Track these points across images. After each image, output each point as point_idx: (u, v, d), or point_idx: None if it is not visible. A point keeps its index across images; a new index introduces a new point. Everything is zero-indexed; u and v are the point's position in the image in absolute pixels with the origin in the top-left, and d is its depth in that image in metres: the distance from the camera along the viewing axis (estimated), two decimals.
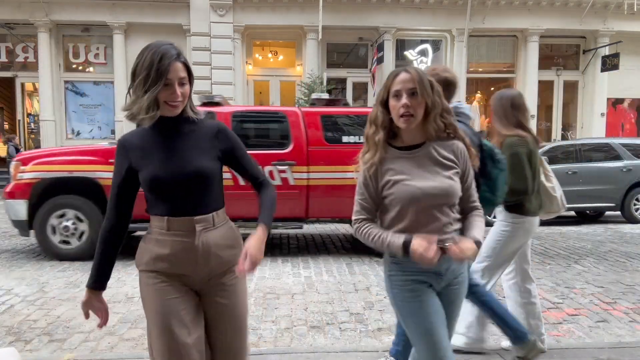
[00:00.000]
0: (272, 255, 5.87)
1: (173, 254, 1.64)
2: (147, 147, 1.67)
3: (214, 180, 1.71)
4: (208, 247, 1.66)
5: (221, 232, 1.71)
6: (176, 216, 1.65)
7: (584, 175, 8.47)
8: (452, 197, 1.69)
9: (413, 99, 1.63)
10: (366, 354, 2.96)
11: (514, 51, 14.44)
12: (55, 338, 3.32)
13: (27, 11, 12.78)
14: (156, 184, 1.64)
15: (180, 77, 1.62)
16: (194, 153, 1.67)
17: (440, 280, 1.71)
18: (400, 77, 1.66)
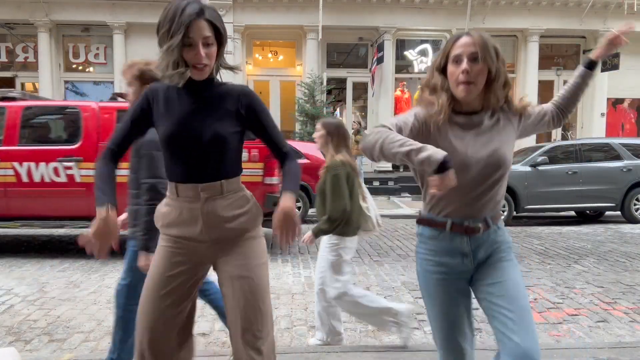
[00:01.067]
0: (272, 255, 5.87)
1: (181, 220, 1.66)
2: (170, 104, 1.65)
3: (230, 148, 1.67)
4: (214, 215, 1.64)
5: (229, 201, 1.67)
6: (184, 182, 1.64)
7: (584, 175, 8.48)
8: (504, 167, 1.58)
9: (474, 65, 1.50)
10: (366, 354, 2.95)
11: (514, 51, 14.44)
12: (55, 338, 3.32)
13: (27, 11, 12.78)
14: (170, 143, 1.62)
15: (205, 37, 1.56)
16: (213, 118, 1.64)
17: (469, 262, 1.61)
18: (462, 40, 1.53)
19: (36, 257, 5.71)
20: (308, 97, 12.88)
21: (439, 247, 1.62)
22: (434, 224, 1.62)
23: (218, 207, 1.65)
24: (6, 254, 5.83)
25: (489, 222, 1.60)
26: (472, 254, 1.61)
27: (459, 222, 1.58)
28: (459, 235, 1.59)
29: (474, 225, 1.58)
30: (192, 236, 1.66)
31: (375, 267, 5.31)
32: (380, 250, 6.18)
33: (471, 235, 1.59)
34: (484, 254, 1.62)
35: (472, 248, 1.60)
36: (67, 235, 7.10)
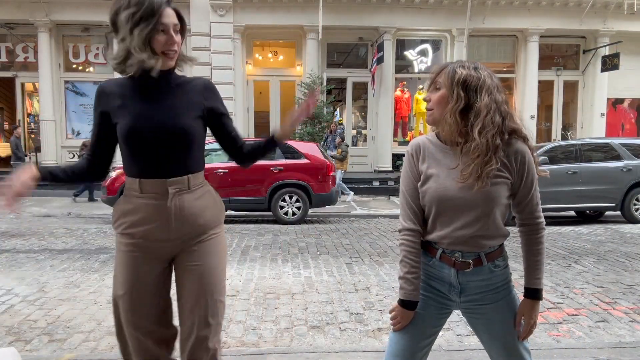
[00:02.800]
0: (272, 255, 5.87)
1: (146, 217, 1.58)
2: (127, 97, 1.59)
3: (194, 141, 1.62)
4: (182, 210, 1.59)
5: (196, 196, 1.63)
6: (149, 178, 1.57)
7: (584, 175, 8.48)
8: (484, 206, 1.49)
9: (434, 93, 1.52)
10: (366, 354, 2.95)
11: (514, 51, 14.44)
12: (55, 338, 3.32)
13: (27, 11, 12.78)
14: (132, 137, 1.55)
15: (174, 24, 1.54)
16: (177, 110, 1.59)
17: (456, 295, 1.57)
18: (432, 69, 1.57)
19: (36, 257, 5.72)
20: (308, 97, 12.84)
21: (429, 271, 1.60)
22: (428, 248, 1.61)
23: (186, 202, 1.60)
24: (6, 254, 5.83)
25: (482, 259, 1.54)
26: (460, 287, 1.56)
27: (449, 254, 1.54)
28: (447, 267, 1.56)
29: (464, 260, 1.53)
30: (158, 236, 1.60)
31: (375, 267, 5.31)
32: (380, 250, 6.18)
33: (459, 269, 1.54)
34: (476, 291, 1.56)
35: (460, 282, 1.55)
36: (68, 235, 7.11)
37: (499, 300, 1.57)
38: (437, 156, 1.55)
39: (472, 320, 1.64)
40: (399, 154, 13.68)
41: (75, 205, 10.39)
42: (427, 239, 1.60)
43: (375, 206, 10.71)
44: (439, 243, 1.56)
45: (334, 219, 9.30)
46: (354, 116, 16.01)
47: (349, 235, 7.37)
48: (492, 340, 1.60)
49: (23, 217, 8.95)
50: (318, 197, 8.70)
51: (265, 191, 8.58)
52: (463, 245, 1.53)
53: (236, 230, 7.70)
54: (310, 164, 8.74)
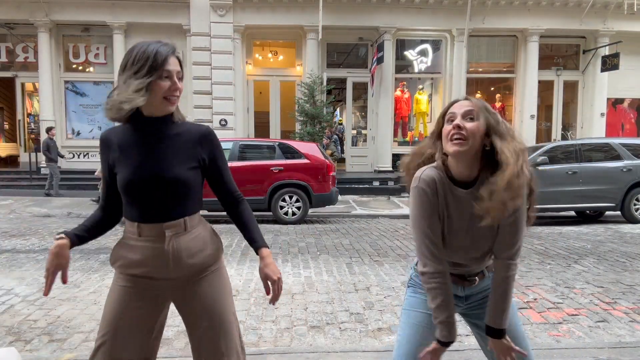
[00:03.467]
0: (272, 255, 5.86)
1: (144, 260, 1.62)
2: (125, 148, 1.62)
3: (190, 189, 1.65)
4: (179, 252, 1.62)
5: (193, 236, 1.66)
6: (147, 222, 1.62)
7: (584, 175, 8.48)
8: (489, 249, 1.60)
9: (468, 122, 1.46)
10: (366, 354, 2.96)
11: (514, 51, 14.43)
12: (55, 338, 3.32)
13: (27, 11, 12.78)
14: (130, 188, 1.60)
15: (178, 71, 1.60)
16: (173, 160, 1.61)
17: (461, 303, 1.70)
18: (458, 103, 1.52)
19: (36, 257, 5.71)
20: (308, 97, 12.87)
21: None
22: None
23: (183, 243, 1.63)
24: (6, 254, 5.83)
25: (484, 273, 1.68)
26: (465, 298, 1.69)
27: (457, 274, 1.66)
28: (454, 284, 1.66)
29: (470, 278, 1.66)
30: (156, 276, 1.63)
31: (375, 267, 5.31)
32: (380, 250, 6.18)
33: (466, 285, 1.67)
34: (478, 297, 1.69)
35: (465, 294, 1.68)
36: None
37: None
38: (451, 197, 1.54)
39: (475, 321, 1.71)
40: (399, 154, 13.67)
41: (75, 205, 10.38)
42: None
43: (375, 206, 10.71)
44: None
45: (334, 219, 9.30)
46: (354, 116, 16.01)
47: (349, 235, 7.37)
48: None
49: (23, 217, 8.95)
50: (318, 197, 8.70)
51: (265, 191, 8.58)
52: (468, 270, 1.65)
53: (236, 231, 7.67)
54: (310, 164, 8.74)
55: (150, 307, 1.66)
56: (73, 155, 13.83)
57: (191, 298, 1.67)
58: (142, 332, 1.65)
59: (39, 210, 9.57)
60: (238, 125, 13.57)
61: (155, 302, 1.67)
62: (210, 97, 13.20)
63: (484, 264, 1.66)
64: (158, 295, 1.67)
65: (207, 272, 1.70)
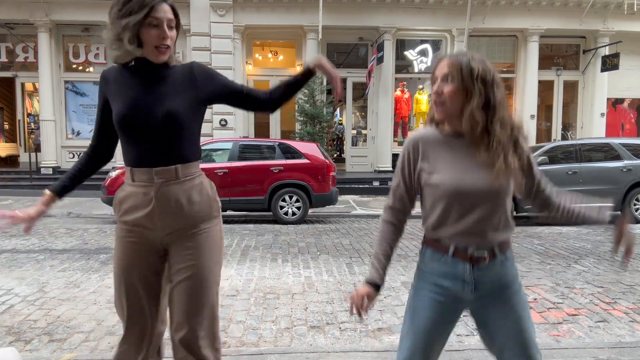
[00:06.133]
0: (272, 255, 5.87)
1: (135, 205, 1.62)
2: (121, 85, 1.63)
3: (185, 127, 1.62)
4: (167, 201, 1.60)
5: (185, 187, 1.62)
6: (139, 166, 1.60)
7: (584, 175, 8.48)
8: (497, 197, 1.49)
9: (446, 85, 1.47)
10: (366, 354, 2.96)
11: (514, 51, 14.44)
12: (55, 338, 3.32)
13: (27, 11, 12.78)
14: (123, 124, 1.59)
15: (169, 19, 1.57)
16: (166, 96, 1.61)
17: (469, 291, 1.53)
18: (439, 63, 1.52)
19: (36, 257, 5.72)
20: (308, 97, 12.87)
21: (440, 270, 1.55)
22: (437, 246, 1.56)
23: (172, 192, 1.60)
24: (6, 254, 5.83)
25: (495, 252, 1.53)
26: (474, 283, 1.53)
27: (463, 249, 1.51)
28: (461, 262, 1.52)
29: (479, 254, 1.51)
30: (145, 223, 1.62)
31: None
32: None
33: (475, 264, 1.51)
34: (489, 285, 1.54)
35: (474, 277, 1.52)
36: (67, 236, 7.11)
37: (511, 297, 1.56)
38: (443, 150, 1.53)
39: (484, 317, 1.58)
40: (399, 154, 13.64)
41: (75, 205, 10.38)
42: (436, 236, 1.56)
43: (375, 206, 10.71)
44: (450, 239, 1.53)
45: (334, 219, 9.30)
46: (354, 116, 16.01)
47: (349, 235, 7.37)
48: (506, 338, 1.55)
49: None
50: (318, 197, 8.70)
51: (265, 191, 8.58)
52: (477, 239, 1.51)
53: (236, 230, 7.70)
54: (310, 164, 8.74)
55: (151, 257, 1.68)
56: (73, 155, 13.83)
57: (178, 252, 1.65)
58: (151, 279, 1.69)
59: None
60: (238, 125, 13.57)
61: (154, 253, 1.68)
62: None
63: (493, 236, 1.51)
64: (152, 241, 1.67)
65: (199, 230, 1.66)
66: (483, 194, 1.48)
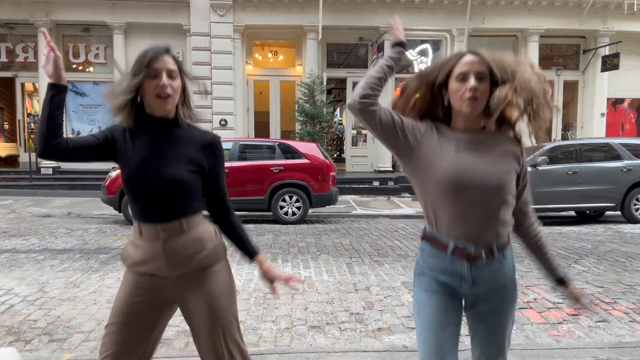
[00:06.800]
0: (272, 255, 5.87)
1: (145, 259, 1.67)
2: (131, 145, 1.66)
3: (189, 191, 1.67)
4: (174, 253, 1.65)
5: (191, 237, 1.67)
6: (146, 222, 1.66)
7: (584, 175, 8.48)
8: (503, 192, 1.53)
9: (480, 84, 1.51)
10: (366, 354, 2.96)
11: (514, 51, 14.40)
12: (55, 338, 3.32)
13: (27, 11, 12.78)
14: (131, 185, 1.64)
15: (169, 69, 1.60)
16: (173, 161, 1.63)
17: (467, 286, 1.57)
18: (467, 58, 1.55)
19: (36, 257, 5.71)
20: (308, 97, 12.88)
21: (439, 266, 1.58)
22: (436, 242, 1.58)
23: (178, 245, 1.65)
24: (6, 254, 5.84)
25: (493, 251, 1.55)
26: (472, 280, 1.56)
27: (462, 247, 1.53)
28: (459, 260, 1.55)
29: (477, 253, 1.53)
30: (157, 273, 1.68)
31: (375, 267, 5.31)
32: (380, 250, 6.18)
33: (473, 262, 1.54)
34: (486, 283, 1.58)
35: (472, 275, 1.56)
36: (66, 236, 7.11)
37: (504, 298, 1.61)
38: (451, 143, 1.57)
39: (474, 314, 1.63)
40: None
41: (75, 205, 10.38)
42: (435, 232, 1.58)
43: (375, 206, 10.71)
44: (450, 237, 1.55)
45: (334, 219, 9.30)
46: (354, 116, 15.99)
47: (349, 235, 7.37)
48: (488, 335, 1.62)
49: (23, 217, 8.95)
50: (318, 197, 8.70)
51: (265, 191, 8.58)
52: (477, 238, 1.53)
53: None
54: (310, 164, 8.74)
55: (153, 303, 1.69)
56: None
57: (190, 298, 1.69)
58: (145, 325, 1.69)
59: (39, 210, 9.57)
60: (238, 125, 13.57)
61: (158, 299, 1.70)
62: (210, 97, 13.20)
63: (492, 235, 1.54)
64: (162, 293, 1.70)
65: (208, 273, 1.71)
66: (487, 190, 1.50)
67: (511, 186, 1.54)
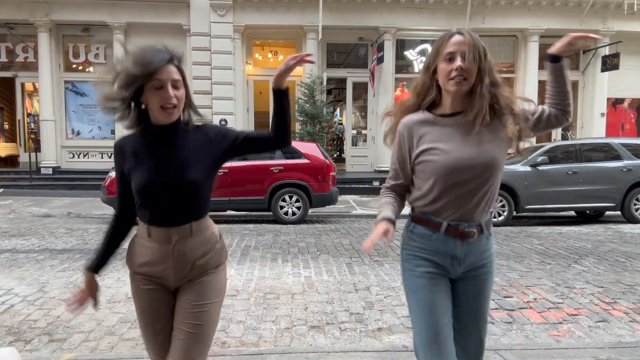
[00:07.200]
0: (272, 255, 5.87)
1: (152, 260, 1.70)
2: (139, 155, 1.66)
3: (202, 192, 1.69)
4: (183, 255, 1.69)
5: (198, 239, 1.71)
6: (156, 225, 1.68)
7: (584, 175, 8.47)
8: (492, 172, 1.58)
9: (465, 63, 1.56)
10: (366, 354, 2.96)
11: (514, 51, 14.44)
12: (55, 338, 3.32)
13: (27, 11, 12.78)
14: (144, 193, 1.65)
15: (174, 79, 1.59)
16: (186, 165, 1.65)
17: (457, 266, 1.63)
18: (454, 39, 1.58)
19: (36, 257, 5.72)
20: (308, 97, 12.87)
21: (431, 247, 1.63)
22: (428, 223, 1.64)
23: (187, 248, 1.69)
24: (6, 254, 5.84)
25: (482, 228, 1.64)
26: (463, 258, 1.63)
27: (455, 225, 1.60)
28: (452, 239, 1.61)
29: (469, 230, 1.60)
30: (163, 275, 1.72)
31: (375, 267, 5.31)
32: (380, 250, 6.18)
33: (465, 239, 1.61)
34: (474, 259, 1.65)
35: (464, 252, 1.62)
36: (67, 235, 7.10)
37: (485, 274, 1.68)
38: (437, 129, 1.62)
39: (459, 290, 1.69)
40: None
41: (75, 205, 10.38)
42: (428, 213, 1.64)
43: (376, 206, 10.71)
44: (443, 216, 1.61)
45: (334, 219, 9.30)
46: (354, 116, 16.01)
47: (349, 235, 7.37)
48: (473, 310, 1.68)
49: (23, 217, 8.95)
50: (318, 197, 8.70)
51: (265, 191, 8.58)
52: (469, 215, 1.60)
53: (236, 230, 7.70)
54: (310, 164, 8.74)
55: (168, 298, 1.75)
56: (73, 155, 13.85)
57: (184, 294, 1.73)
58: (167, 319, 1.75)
59: (38, 210, 9.57)
60: (238, 125, 13.57)
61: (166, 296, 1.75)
62: (210, 97, 13.20)
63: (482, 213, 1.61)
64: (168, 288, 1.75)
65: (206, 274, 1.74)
66: (478, 169, 1.57)
67: (501, 164, 1.61)
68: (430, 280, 1.62)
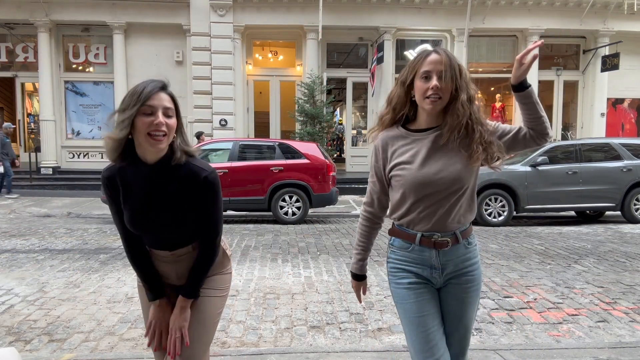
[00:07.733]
0: (272, 255, 5.87)
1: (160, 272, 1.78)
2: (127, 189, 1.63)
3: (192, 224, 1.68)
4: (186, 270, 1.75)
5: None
6: (156, 249, 1.73)
7: (584, 175, 8.47)
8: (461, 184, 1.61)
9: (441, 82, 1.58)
10: (366, 354, 2.96)
11: (514, 51, 14.42)
12: (55, 338, 3.32)
13: (27, 11, 12.78)
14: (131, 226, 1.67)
15: (165, 107, 1.54)
16: (172, 204, 1.62)
17: (437, 275, 1.67)
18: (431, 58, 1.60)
19: (36, 257, 5.72)
20: (308, 97, 12.88)
21: (409, 257, 1.69)
22: (404, 235, 1.69)
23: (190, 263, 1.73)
24: (6, 254, 5.83)
25: (458, 237, 1.66)
26: (441, 267, 1.66)
27: (428, 236, 1.64)
28: (427, 249, 1.65)
29: (442, 240, 1.64)
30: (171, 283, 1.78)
31: (375, 267, 5.31)
32: (380, 250, 6.18)
33: (439, 249, 1.64)
34: (453, 268, 1.67)
35: (440, 262, 1.66)
36: (67, 235, 7.11)
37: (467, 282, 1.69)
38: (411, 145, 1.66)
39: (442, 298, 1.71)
40: None
41: (75, 205, 10.38)
42: (403, 226, 1.69)
43: None
44: (417, 228, 1.66)
45: (334, 219, 9.30)
46: (354, 116, 16.01)
47: (349, 235, 7.37)
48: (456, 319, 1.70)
49: (23, 217, 8.95)
50: (318, 197, 8.70)
51: (265, 191, 8.58)
52: (441, 226, 1.64)
53: (236, 230, 7.70)
54: (310, 164, 8.74)
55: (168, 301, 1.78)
56: (73, 155, 13.85)
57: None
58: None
59: (38, 210, 9.57)
60: (238, 125, 13.57)
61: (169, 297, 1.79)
62: (210, 97, 13.20)
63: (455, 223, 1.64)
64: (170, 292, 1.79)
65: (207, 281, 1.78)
66: (445, 183, 1.60)
67: (469, 177, 1.62)
68: (414, 290, 1.67)
